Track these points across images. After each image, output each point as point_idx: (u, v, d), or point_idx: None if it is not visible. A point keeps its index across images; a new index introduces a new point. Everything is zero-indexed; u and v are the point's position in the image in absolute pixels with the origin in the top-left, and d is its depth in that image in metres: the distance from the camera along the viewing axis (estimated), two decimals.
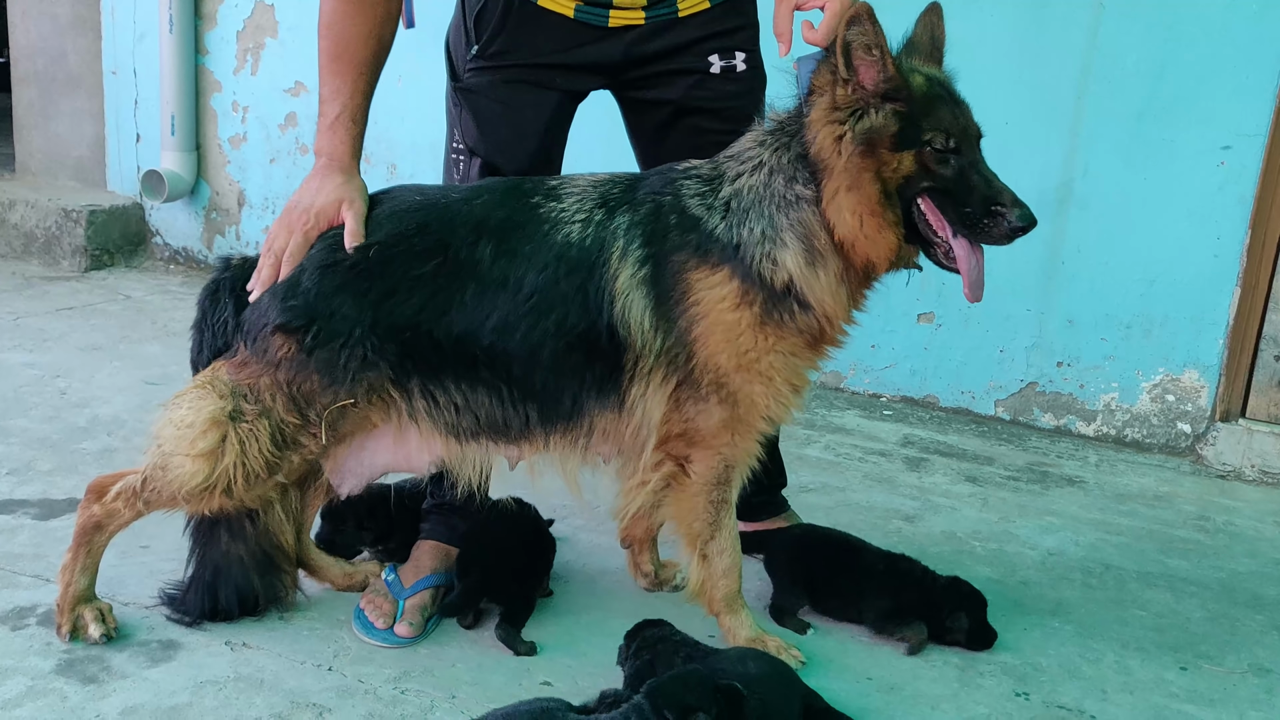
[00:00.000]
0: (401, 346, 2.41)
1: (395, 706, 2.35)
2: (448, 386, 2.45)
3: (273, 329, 2.42)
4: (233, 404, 2.42)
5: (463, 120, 2.73)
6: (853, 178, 2.31)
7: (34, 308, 4.97)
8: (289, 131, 5.52)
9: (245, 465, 2.41)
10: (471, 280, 2.41)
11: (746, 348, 2.40)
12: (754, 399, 2.43)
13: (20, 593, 2.68)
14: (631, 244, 2.41)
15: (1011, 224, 2.29)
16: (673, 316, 2.40)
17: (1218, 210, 4.01)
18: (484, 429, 2.49)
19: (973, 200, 2.31)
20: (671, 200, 2.44)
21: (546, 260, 2.41)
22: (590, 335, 2.41)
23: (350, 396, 2.42)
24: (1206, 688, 2.63)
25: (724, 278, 2.38)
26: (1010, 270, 4.26)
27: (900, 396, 4.58)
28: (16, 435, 3.59)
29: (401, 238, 2.45)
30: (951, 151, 2.31)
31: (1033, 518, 3.55)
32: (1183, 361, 4.16)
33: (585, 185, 2.52)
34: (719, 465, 2.49)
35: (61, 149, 6.03)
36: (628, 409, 2.46)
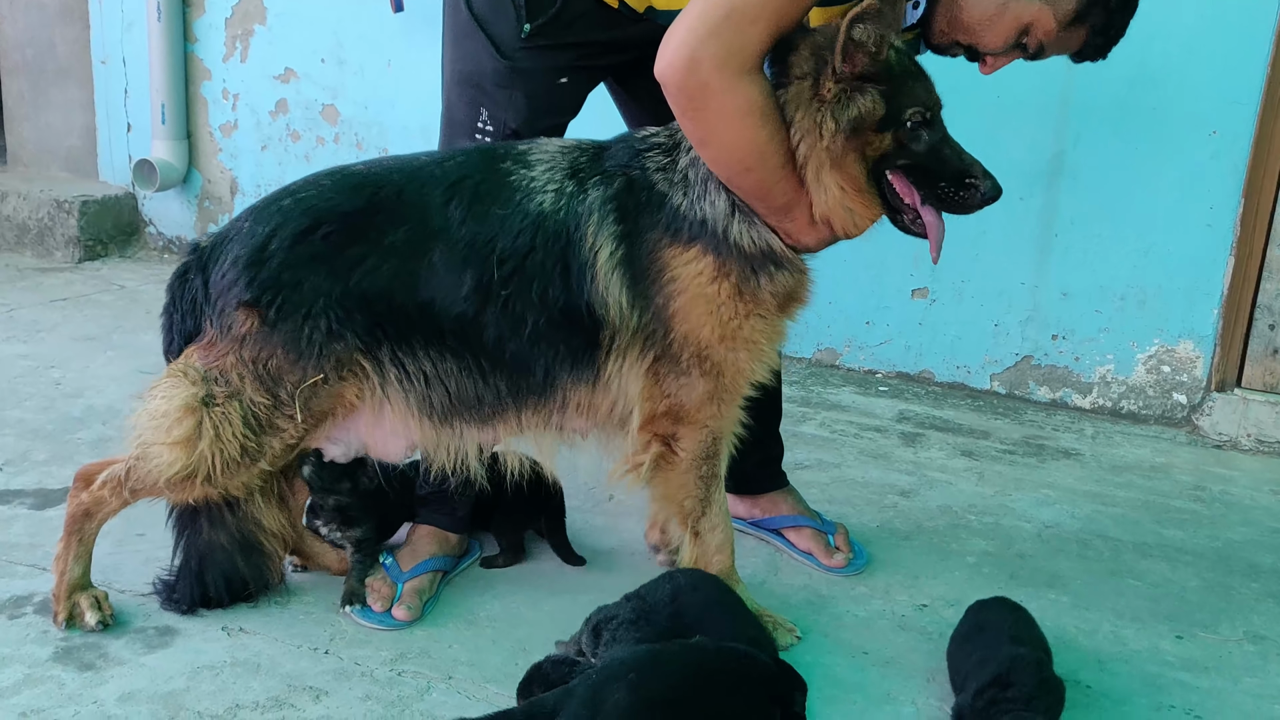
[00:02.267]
0: (372, 316, 2.39)
1: (392, 688, 2.35)
2: (416, 354, 2.42)
3: (236, 304, 2.39)
4: (204, 390, 2.40)
5: (513, 100, 2.66)
6: (836, 158, 2.32)
7: (27, 299, 4.96)
8: (280, 118, 5.50)
9: (222, 451, 2.40)
10: (440, 241, 2.39)
11: (728, 318, 2.40)
12: (739, 366, 2.44)
13: (17, 582, 2.68)
14: (606, 220, 2.40)
15: (984, 194, 2.37)
16: (649, 294, 2.40)
17: (1210, 179, 4.00)
18: (456, 405, 2.47)
19: (947, 174, 2.37)
20: (640, 175, 2.44)
21: (520, 227, 2.39)
22: (571, 310, 2.40)
23: (319, 372, 2.39)
24: (1201, 656, 2.64)
25: (697, 254, 2.38)
26: (1004, 244, 4.26)
27: (895, 372, 4.58)
28: (11, 426, 3.59)
29: (379, 203, 2.41)
30: (925, 125, 2.34)
31: (1029, 491, 3.56)
32: (1177, 332, 4.16)
33: (554, 152, 2.50)
34: (706, 438, 2.49)
35: (52, 139, 6.01)
36: (603, 383, 2.46)
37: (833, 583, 2.89)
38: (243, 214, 2.50)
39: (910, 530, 3.22)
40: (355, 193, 2.44)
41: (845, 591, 2.85)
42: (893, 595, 2.85)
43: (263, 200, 2.50)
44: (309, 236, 2.39)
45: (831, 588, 2.87)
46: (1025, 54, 2.46)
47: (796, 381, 4.40)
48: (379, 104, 5.26)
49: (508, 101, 2.68)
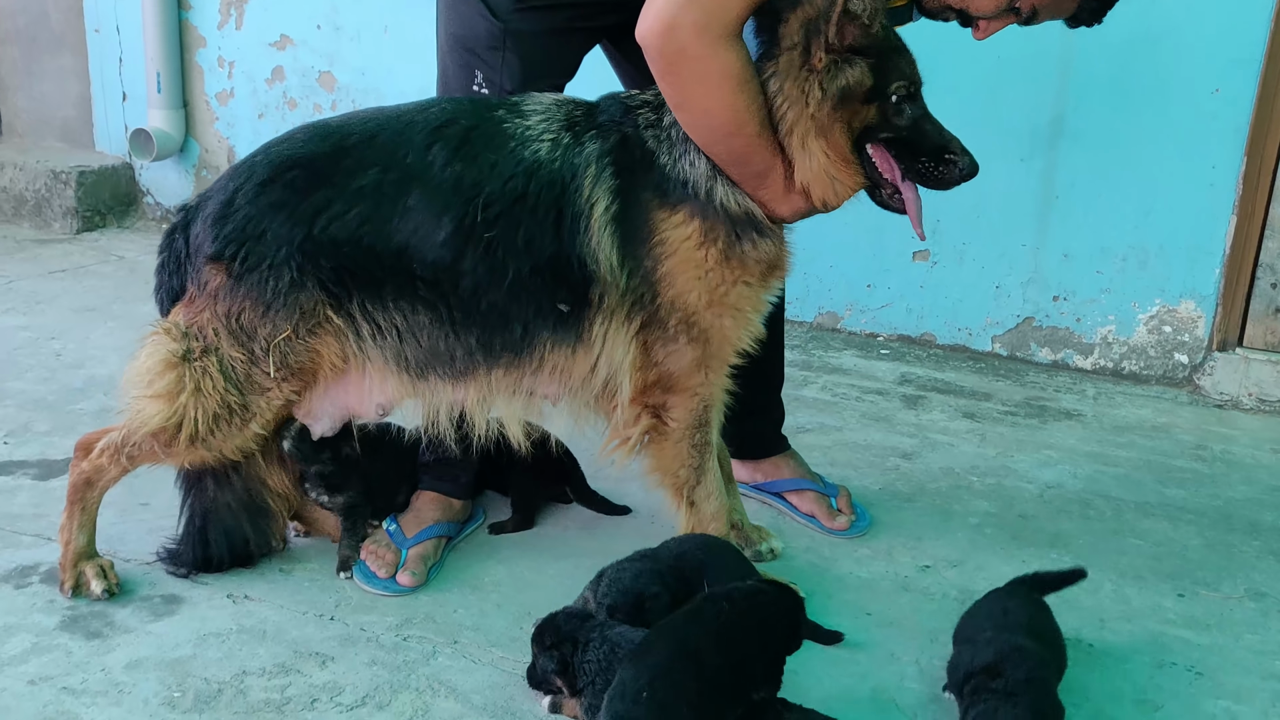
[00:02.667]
0: (339, 262, 2.37)
1: (397, 653, 2.37)
2: (388, 305, 2.40)
3: (205, 260, 2.40)
4: (184, 345, 2.42)
5: (507, 63, 2.64)
6: (822, 127, 2.32)
7: (26, 270, 4.95)
8: (276, 86, 5.46)
9: (203, 406, 2.41)
10: (418, 183, 2.36)
11: (715, 283, 2.40)
12: (725, 333, 2.44)
13: (22, 552, 2.69)
14: (603, 174, 2.38)
15: (962, 170, 2.39)
16: (639, 255, 2.39)
17: (1212, 139, 3.97)
18: (429, 360, 2.45)
19: (926, 148, 2.39)
20: (633, 132, 2.42)
21: (513, 173, 2.37)
22: (559, 261, 2.38)
23: (287, 324, 2.38)
24: (1203, 613, 2.65)
25: (684, 217, 2.38)
26: (1005, 206, 4.24)
27: (897, 335, 4.57)
28: (13, 397, 3.60)
29: (347, 148, 2.39)
30: (908, 100, 2.35)
31: (1031, 452, 3.56)
32: (1179, 292, 4.15)
33: (548, 104, 2.48)
34: (697, 407, 2.49)
35: (47, 109, 5.97)
36: (587, 345, 2.44)
37: (835, 545, 2.90)
38: (224, 173, 2.51)
39: (912, 492, 3.22)
40: (324, 139, 2.43)
41: (848, 553, 2.86)
42: (895, 557, 2.86)
43: (244, 158, 2.50)
44: (271, 185, 2.38)
45: (834, 550, 2.88)
46: (1018, 19, 2.44)
47: (798, 345, 4.39)
48: (376, 70, 5.22)
49: (501, 64, 2.65)
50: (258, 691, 2.22)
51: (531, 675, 2.20)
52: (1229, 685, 2.38)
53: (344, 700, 2.21)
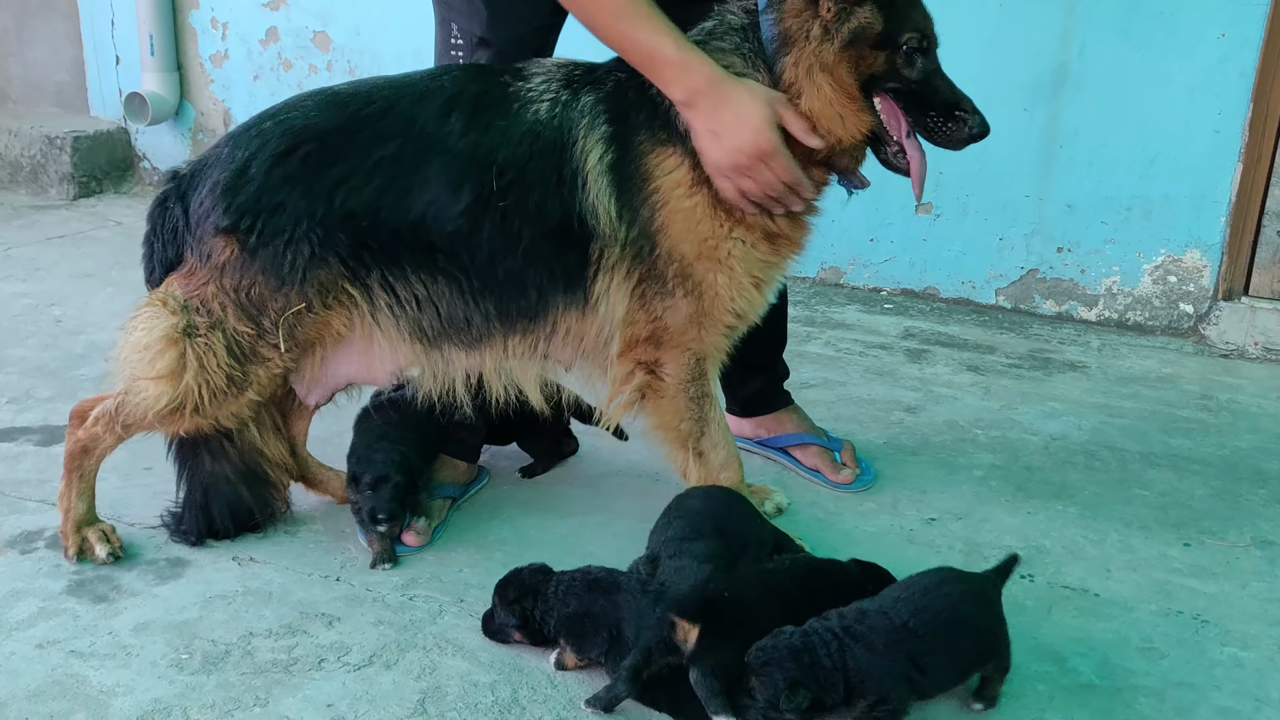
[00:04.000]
0: (357, 237, 2.34)
1: (404, 612, 2.37)
2: (408, 276, 2.38)
3: (214, 231, 2.35)
4: (185, 320, 2.37)
5: (474, 8, 2.60)
6: (827, 64, 2.30)
7: (24, 237, 4.92)
8: (270, 47, 5.41)
9: (208, 382, 2.38)
10: (437, 153, 2.34)
11: (705, 235, 2.37)
12: (717, 290, 2.41)
13: (27, 517, 2.69)
14: (596, 122, 2.36)
15: (971, 130, 2.36)
16: (635, 205, 2.36)
17: (1218, 85, 3.93)
18: (446, 329, 2.44)
19: (936, 103, 2.36)
20: (629, 76, 2.39)
21: (520, 135, 2.35)
22: (565, 222, 2.36)
23: (302, 299, 2.36)
24: (1209, 562, 2.65)
25: (676, 160, 2.35)
26: (1008, 157, 4.20)
27: (900, 289, 4.55)
28: (14, 364, 3.59)
29: (363, 120, 2.36)
30: (920, 52, 2.33)
31: (1035, 404, 3.55)
32: (1184, 241, 4.12)
33: (550, 66, 2.46)
34: (690, 361, 2.47)
35: (40, 74, 5.92)
36: (592, 305, 2.42)
37: (840, 499, 2.90)
38: (222, 139, 2.46)
39: (917, 446, 3.22)
40: (339, 110, 2.39)
41: (853, 507, 2.86)
42: (900, 510, 2.85)
43: (243, 124, 2.45)
44: (288, 158, 2.35)
45: (839, 504, 2.87)
46: None
47: (801, 301, 4.37)
48: (371, 29, 5.17)
49: (469, 10, 2.62)
50: (265, 652, 2.23)
51: (487, 624, 2.25)
52: (1235, 632, 2.38)
53: (351, 660, 2.21)
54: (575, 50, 2.61)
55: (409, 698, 2.11)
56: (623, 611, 2.12)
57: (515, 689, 2.14)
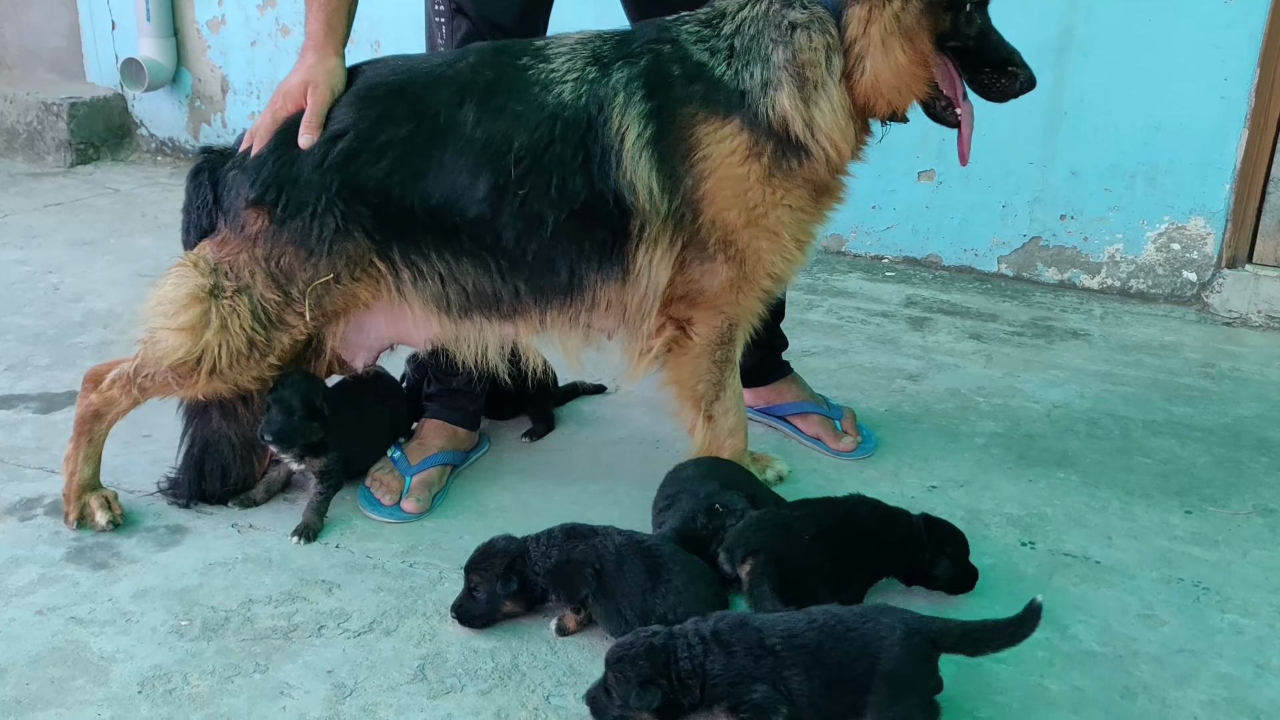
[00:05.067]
0: (374, 212, 2.36)
1: (403, 579, 2.37)
2: (429, 255, 2.40)
3: (245, 204, 2.38)
4: (213, 281, 2.40)
5: None
6: (909, 29, 2.30)
7: (21, 205, 4.90)
8: (268, 12, 5.36)
9: (228, 343, 2.40)
10: (450, 141, 2.34)
11: (755, 202, 2.35)
12: (761, 255, 2.40)
13: (26, 485, 2.69)
14: (633, 99, 2.33)
15: (1023, 83, 2.42)
16: (679, 174, 2.34)
17: (1225, 49, 3.89)
18: (474, 303, 2.45)
19: (992, 59, 2.41)
20: (671, 49, 2.36)
21: (538, 120, 2.33)
22: (594, 201, 2.34)
23: (330, 271, 2.38)
24: (1210, 529, 2.64)
25: (734, 129, 2.33)
26: (1012, 123, 4.15)
27: (902, 257, 4.53)
28: (13, 332, 3.57)
29: (370, 100, 2.37)
30: (979, 9, 2.36)
31: (1037, 372, 3.54)
32: (1188, 209, 4.09)
33: (573, 44, 2.43)
34: (722, 324, 2.47)
35: (36, 40, 5.87)
36: (634, 278, 2.42)
37: (841, 467, 2.89)
38: None
39: (919, 413, 3.21)
40: (349, 90, 2.41)
41: (854, 475, 2.85)
42: (902, 478, 2.85)
43: None
44: (290, 126, 2.37)
45: (840, 471, 2.87)
46: None
47: (803, 269, 4.34)
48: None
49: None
50: (265, 619, 2.23)
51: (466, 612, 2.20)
52: (1236, 600, 2.38)
53: (351, 626, 2.21)
54: (572, 15, 2.58)
55: (409, 664, 2.11)
56: (602, 551, 2.17)
57: (515, 655, 2.14)
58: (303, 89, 2.41)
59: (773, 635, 1.93)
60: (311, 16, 2.47)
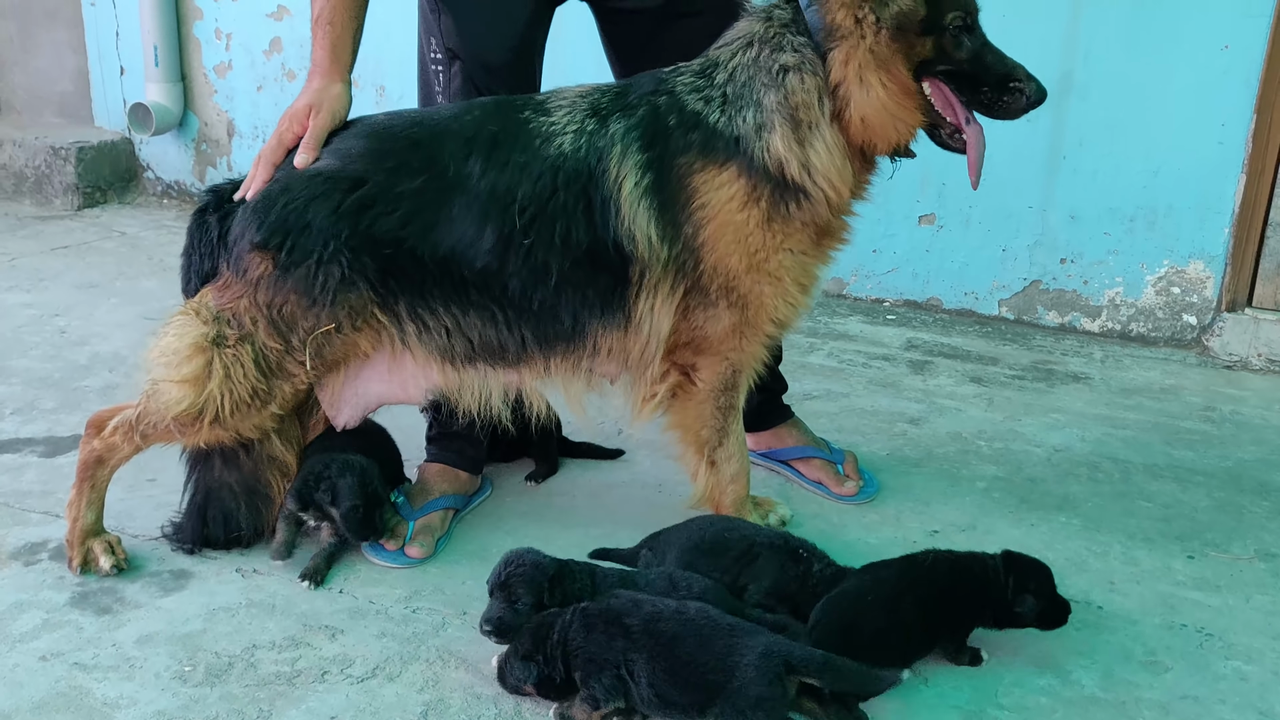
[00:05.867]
0: (382, 263, 2.37)
1: (407, 625, 2.37)
2: (436, 309, 2.42)
3: (250, 246, 2.38)
4: (216, 330, 2.40)
5: (442, 23, 2.63)
6: (882, 59, 2.29)
7: (29, 248, 4.93)
8: (274, 57, 5.42)
9: (231, 392, 2.40)
10: (459, 194, 2.37)
11: (755, 247, 2.37)
12: (763, 301, 2.42)
13: (31, 529, 2.69)
14: (630, 149, 2.36)
15: (1029, 98, 2.36)
16: (679, 222, 2.36)
17: (1222, 95, 3.93)
18: (479, 353, 2.47)
19: (990, 79, 2.36)
20: (668, 100, 2.39)
21: (540, 171, 2.36)
22: (595, 249, 2.37)
23: (332, 321, 2.39)
24: (1213, 574, 2.64)
25: (731, 176, 2.35)
26: (1011, 166, 4.20)
27: (903, 300, 4.55)
28: (18, 375, 3.59)
29: (389, 153, 2.40)
30: (966, 31, 2.32)
31: (1038, 415, 3.55)
32: (1188, 252, 4.12)
33: (573, 97, 2.47)
34: (726, 371, 2.48)
35: (44, 85, 5.93)
36: (635, 325, 2.43)
37: (844, 511, 2.90)
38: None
39: (920, 457, 3.21)
40: (367, 139, 2.44)
41: (857, 519, 2.85)
42: (904, 522, 2.85)
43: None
44: (314, 178, 2.39)
45: (843, 516, 2.87)
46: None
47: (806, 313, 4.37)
48: (374, 37, 5.05)
49: (439, 25, 2.65)
50: (268, 664, 2.23)
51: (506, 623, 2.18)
52: (1239, 646, 2.38)
53: (354, 672, 2.21)
54: (563, 67, 2.62)
55: (412, 710, 2.11)
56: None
57: (518, 702, 2.13)
58: (307, 111, 2.46)
59: (634, 617, 2.04)
60: (317, 44, 2.51)
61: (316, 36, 2.51)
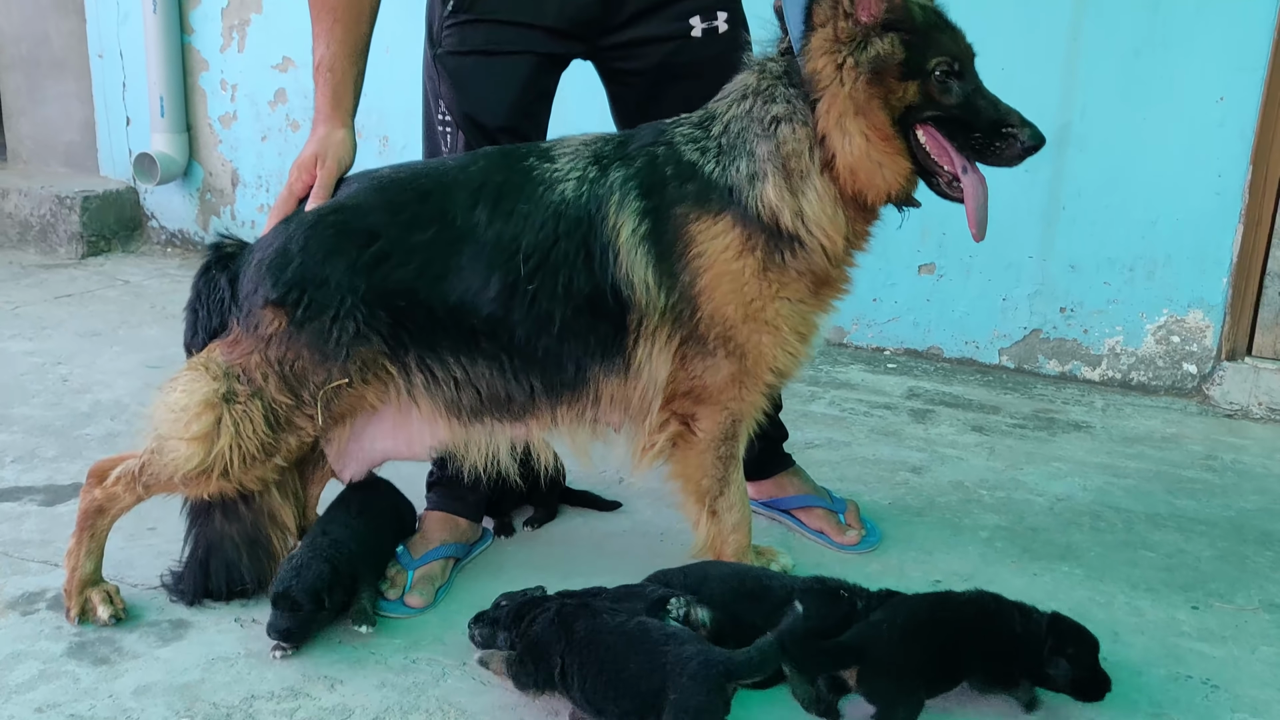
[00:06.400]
0: (395, 316, 2.38)
1: (407, 675, 2.35)
2: (445, 359, 2.42)
3: (263, 303, 2.39)
4: (226, 386, 2.40)
5: (443, 89, 2.67)
6: (860, 104, 2.28)
7: (33, 296, 4.95)
8: (279, 108, 5.48)
9: (240, 448, 2.39)
10: (468, 244, 2.38)
11: (752, 297, 2.37)
12: (762, 350, 2.42)
13: (29, 578, 2.68)
14: (628, 198, 2.37)
15: (1024, 144, 2.30)
16: (676, 271, 2.37)
17: (1218, 147, 3.97)
18: (487, 405, 2.47)
19: (981, 124, 2.31)
20: (666, 150, 2.41)
21: (543, 219, 2.38)
22: (596, 296, 2.38)
23: (344, 375, 2.39)
24: (1218, 625, 2.63)
25: (726, 226, 2.35)
26: (1011, 216, 4.23)
27: (904, 349, 4.56)
28: (20, 423, 3.59)
29: (401, 206, 2.42)
30: (955, 76, 2.30)
31: (1040, 464, 3.54)
32: (1187, 301, 4.13)
33: (577, 145, 2.49)
34: (726, 420, 2.48)
35: (51, 134, 5.99)
36: (634, 372, 2.44)
37: (846, 561, 2.89)
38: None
39: (922, 506, 3.21)
40: (379, 192, 2.46)
41: (859, 569, 2.84)
42: (906, 572, 2.84)
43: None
44: (331, 234, 2.40)
45: (845, 566, 2.85)
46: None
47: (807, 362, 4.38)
48: (378, 89, 5.15)
49: (439, 90, 2.69)
50: (267, 715, 2.21)
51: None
52: (1245, 698, 2.35)
53: None
54: (571, 120, 2.65)
55: None
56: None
57: None
58: (314, 160, 2.50)
59: (583, 623, 2.14)
60: (319, 91, 2.55)
61: (318, 84, 2.55)
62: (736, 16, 2.73)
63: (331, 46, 2.54)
